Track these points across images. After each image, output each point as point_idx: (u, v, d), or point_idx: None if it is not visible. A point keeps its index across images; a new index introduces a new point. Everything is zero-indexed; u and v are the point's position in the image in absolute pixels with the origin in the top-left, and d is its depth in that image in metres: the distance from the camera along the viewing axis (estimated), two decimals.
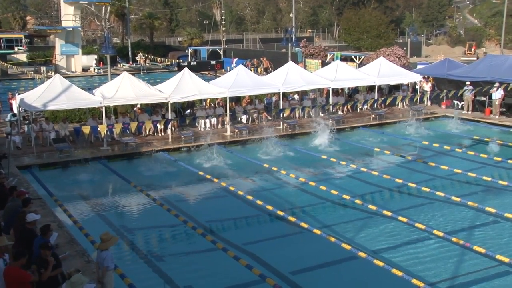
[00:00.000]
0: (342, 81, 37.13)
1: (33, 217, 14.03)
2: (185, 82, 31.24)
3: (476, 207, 20.77)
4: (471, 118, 36.32)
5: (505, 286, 15.37)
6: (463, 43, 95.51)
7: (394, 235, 18.54)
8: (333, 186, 23.53)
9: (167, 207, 21.21)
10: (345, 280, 15.85)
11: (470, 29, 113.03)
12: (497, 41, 78.76)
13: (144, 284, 15.25)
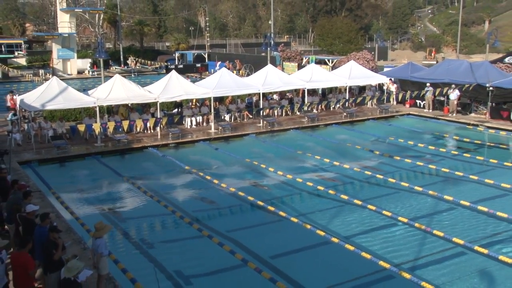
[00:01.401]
0: (316, 82, 37.22)
1: (32, 208, 14.05)
2: (173, 84, 31.23)
3: (436, 196, 20.95)
4: (432, 116, 36.59)
5: (460, 264, 15.50)
6: (424, 48, 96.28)
7: (363, 222, 18.63)
8: (307, 178, 23.57)
9: (157, 198, 21.15)
10: (319, 263, 15.87)
11: (430, 36, 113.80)
12: (454, 47, 79.41)
13: (136, 268, 15.15)
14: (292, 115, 36.24)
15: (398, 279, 14.63)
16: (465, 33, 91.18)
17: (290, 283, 14.32)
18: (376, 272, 14.97)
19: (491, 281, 14.66)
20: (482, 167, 25.22)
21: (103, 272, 13.01)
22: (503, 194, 21.36)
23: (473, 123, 33.89)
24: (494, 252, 15.98)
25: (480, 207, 19.65)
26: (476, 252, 16.18)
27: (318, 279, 14.69)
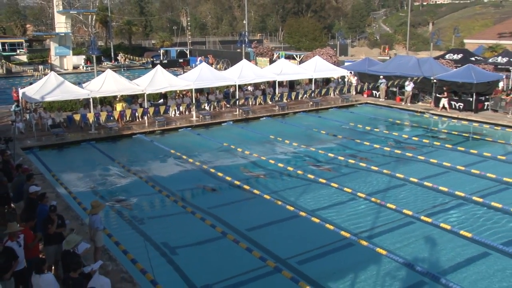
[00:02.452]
0: (286, 75, 37.21)
1: (34, 189, 14.03)
2: (158, 77, 31.01)
3: (390, 174, 21.18)
4: (386, 105, 36.86)
5: (409, 232, 15.73)
6: (379, 45, 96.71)
7: (327, 198, 18.75)
8: (278, 159, 23.63)
9: (145, 179, 21.06)
10: (289, 234, 15.94)
11: (384, 35, 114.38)
12: (404, 45, 79.86)
13: (128, 241, 15.13)
14: (265, 104, 36.21)
15: (357, 246, 14.82)
16: (413, 33, 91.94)
17: (264, 252, 14.40)
18: (338, 241, 15.12)
19: (434, 245, 14.92)
20: (428, 149, 25.53)
21: (99, 244, 13.00)
22: (445, 172, 21.67)
23: (420, 110, 34.24)
24: (436, 221, 16.29)
25: (426, 183, 19.94)
26: (422, 221, 16.46)
27: (288, 248, 14.78)
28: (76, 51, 67.27)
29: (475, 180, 20.55)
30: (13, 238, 10.62)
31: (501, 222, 16.51)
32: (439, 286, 12.71)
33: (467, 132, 28.86)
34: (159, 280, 12.64)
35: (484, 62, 39.56)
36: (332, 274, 13.28)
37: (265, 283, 13.00)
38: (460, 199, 18.46)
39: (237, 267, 13.58)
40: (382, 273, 13.35)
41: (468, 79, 32.44)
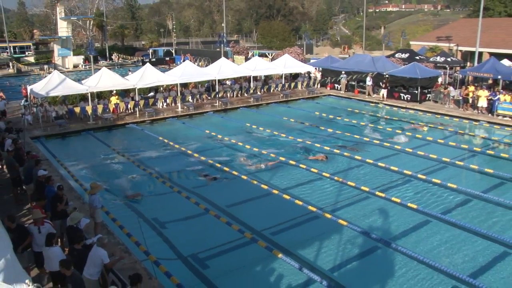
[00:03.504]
0: (259, 71, 37.09)
1: (42, 173, 14.21)
2: (148, 73, 30.73)
3: (349, 156, 21.35)
4: (346, 96, 37.03)
5: (366, 205, 15.94)
6: (339, 45, 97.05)
7: (296, 177, 18.79)
8: (253, 144, 23.62)
9: (137, 163, 20.88)
10: (264, 210, 16.01)
11: (344, 36, 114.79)
12: (361, 45, 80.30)
13: (123, 217, 15.04)
14: (241, 96, 36.07)
15: (322, 218, 14.95)
16: (368, 35, 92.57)
17: (242, 225, 14.45)
18: (306, 214, 15.25)
19: (386, 216, 15.16)
20: (382, 134, 25.77)
21: (98, 220, 12.96)
22: (396, 153, 21.96)
23: (375, 101, 34.49)
24: (389, 195, 16.52)
25: (380, 163, 20.17)
26: (377, 196, 16.67)
27: (263, 221, 14.83)
28: (76, 52, 66.20)
29: (420, 160, 20.87)
30: (37, 223, 10.62)
31: (440, 195, 16.84)
32: (390, 250, 12.94)
33: (414, 120, 29.22)
34: (151, 251, 12.61)
35: (426, 60, 40.02)
36: (301, 243, 13.39)
37: (243, 252, 13.05)
38: (408, 176, 18.73)
39: (218, 239, 13.59)
40: (343, 241, 13.52)
41: (413, 75, 32.87)
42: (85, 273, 9.46)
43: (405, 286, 11.25)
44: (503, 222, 14.77)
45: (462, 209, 15.77)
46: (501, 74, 30.15)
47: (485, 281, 11.31)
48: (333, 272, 11.88)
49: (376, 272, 12.07)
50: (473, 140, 24.36)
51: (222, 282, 11.46)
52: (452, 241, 13.49)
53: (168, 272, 11.50)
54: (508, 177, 18.58)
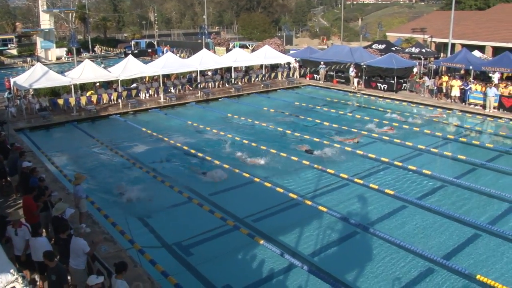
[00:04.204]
0: (240, 62, 36.85)
1: (26, 164, 14.07)
2: (130, 65, 30.16)
3: (328, 144, 21.40)
4: (325, 86, 37.10)
5: (345, 192, 16.03)
6: (318, 36, 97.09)
7: (277, 165, 18.71)
8: (236, 133, 23.55)
9: (120, 153, 20.63)
10: (246, 197, 15.98)
11: (322, 28, 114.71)
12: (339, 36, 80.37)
13: (108, 206, 14.89)
14: (223, 87, 35.83)
15: (303, 205, 15.01)
16: (346, 27, 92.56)
17: (224, 213, 14.42)
18: (287, 202, 15.29)
19: (364, 202, 15.29)
20: (360, 121, 25.89)
21: (82, 210, 12.83)
22: (374, 141, 22.12)
23: (353, 91, 34.65)
24: (366, 182, 16.66)
25: (358, 151, 20.30)
26: (355, 183, 16.79)
27: (245, 209, 14.84)
28: (58, 44, 64.80)
29: (396, 148, 21.06)
30: (14, 225, 10.25)
31: (416, 181, 17.04)
32: (368, 235, 13.06)
33: (390, 109, 29.44)
34: (136, 239, 12.52)
35: (402, 51, 40.29)
36: (282, 229, 13.43)
37: (226, 239, 13.03)
38: (385, 163, 18.90)
39: (202, 227, 13.54)
40: (323, 227, 13.60)
41: (390, 65, 33.05)
42: (71, 264, 9.41)
43: (383, 269, 11.38)
44: (475, 207, 15.03)
45: (437, 194, 15.99)
46: (472, 64, 30.54)
47: (458, 263, 11.51)
48: (313, 257, 11.95)
49: (355, 256, 12.18)
50: (447, 128, 24.65)
51: (206, 269, 11.43)
52: (428, 225, 13.68)
53: (153, 260, 11.44)
54: (480, 163, 18.90)
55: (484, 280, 10.68)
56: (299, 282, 10.83)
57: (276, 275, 11.15)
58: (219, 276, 11.10)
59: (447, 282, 10.83)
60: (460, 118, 26.93)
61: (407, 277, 11.04)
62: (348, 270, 11.32)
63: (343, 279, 10.90)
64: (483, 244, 12.60)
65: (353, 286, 10.65)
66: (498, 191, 15.80)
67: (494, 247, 12.44)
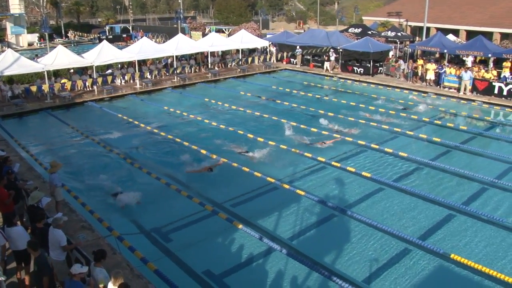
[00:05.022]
0: (216, 46, 36.55)
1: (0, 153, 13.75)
2: (105, 51, 29.61)
3: (305, 128, 21.50)
4: (301, 70, 37.15)
5: (323, 175, 16.15)
6: (295, 20, 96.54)
7: (254, 149, 18.66)
8: (213, 119, 23.45)
9: (97, 140, 20.35)
10: (224, 182, 15.89)
11: (299, 12, 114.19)
12: (315, 20, 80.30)
13: (85, 195, 14.70)
14: (199, 72, 35.57)
15: (281, 189, 15.10)
16: (322, 10, 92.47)
17: (202, 198, 14.40)
18: (265, 186, 15.35)
19: (342, 185, 15.46)
20: (337, 106, 26.05)
21: (58, 199, 12.65)
22: (352, 125, 22.26)
23: (330, 74, 34.79)
24: (344, 165, 16.83)
25: (335, 135, 20.44)
26: (333, 166, 16.95)
27: (223, 193, 14.84)
28: (30, 29, 63.01)
29: (373, 131, 21.29)
30: None
31: (392, 164, 17.28)
32: (346, 217, 13.23)
33: (366, 92, 29.68)
34: (114, 226, 12.42)
35: (378, 35, 40.58)
36: (261, 213, 13.49)
37: (205, 224, 13.04)
38: (362, 147, 19.10)
39: (180, 212, 13.51)
40: (301, 210, 13.72)
41: (366, 49, 33.25)
42: (51, 255, 9.30)
43: (361, 251, 11.56)
44: (450, 188, 15.35)
45: (413, 176, 16.27)
46: (447, 48, 30.97)
47: (433, 243, 11.78)
48: (292, 241, 12.06)
49: (333, 238, 12.33)
50: (422, 111, 24.98)
51: (186, 254, 11.43)
52: (404, 207, 13.93)
53: (132, 247, 11.38)
54: (454, 145, 19.28)
55: (458, 259, 10.96)
56: (278, 265, 10.93)
57: (256, 259, 11.23)
58: (198, 261, 11.12)
59: (423, 261, 11.07)
60: (435, 101, 27.31)
61: (384, 258, 11.25)
62: (326, 253, 11.47)
63: (321, 261, 11.04)
64: (458, 224, 12.90)
65: (331, 268, 10.80)
66: (472, 172, 16.18)
67: (468, 226, 12.75)
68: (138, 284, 9.58)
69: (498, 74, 28.26)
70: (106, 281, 8.25)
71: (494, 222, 12.85)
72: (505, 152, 18.42)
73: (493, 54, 28.77)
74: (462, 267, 10.80)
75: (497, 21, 42.27)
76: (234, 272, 10.74)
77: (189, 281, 10.42)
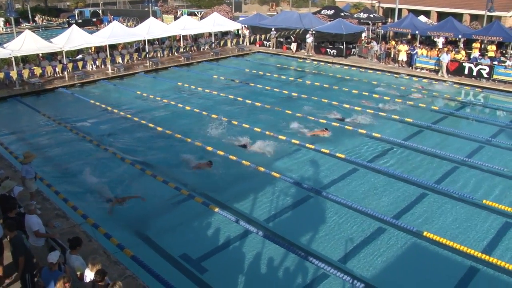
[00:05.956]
0: (189, 30, 36.04)
1: None
2: (74, 35, 28.73)
3: (280, 110, 21.55)
4: (275, 53, 37.07)
5: (297, 157, 16.28)
6: (267, 3, 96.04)
7: (228, 133, 18.64)
8: (187, 103, 23.27)
9: (69, 127, 19.95)
10: None
11: None
12: (288, 2, 79.94)
13: (58, 183, 14.45)
14: (172, 56, 35.09)
15: (256, 172, 15.10)
16: None
17: (178, 183, 14.35)
18: (241, 168, 15.33)
19: (317, 166, 15.61)
20: (310, 88, 26.15)
21: (31, 190, 12.26)
22: (323, 106, 22.41)
23: (303, 57, 34.84)
24: (318, 147, 16.96)
25: (309, 117, 20.56)
26: (307, 148, 17.07)
27: (197, 177, 14.80)
28: None
29: (346, 112, 21.47)
30: None
31: (366, 144, 17.50)
32: (321, 198, 13.41)
33: (340, 74, 29.85)
34: (89, 214, 12.29)
35: (350, 17, 40.71)
36: (237, 196, 13.53)
37: (181, 208, 13.03)
38: (336, 128, 19.23)
39: (156, 197, 13.43)
40: (277, 192, 13.82)
41: (339, 31, 33.34)
42: (30, 241, 9.21)
43: (336, 231, 11.76)
44: (422, 167, 15.68)
45: (386, 156, 16.54)
46: (418, 29, 31.31)
47: (406, 221, 12.07)
48: (268, 223, 12.16)
49: (309, 219, 12.47)
50: (395, 92, 25.30)
51: (162, 239, 11.42)
52: (378, 187, 14.18)
53: (108, 234, 11.29)
54: (426, 125, 19.65)
55: (430, 236, 11.27)
56: (255, 247, 11.03)
57: (233, 242, 11.30)
58: (175, 245, 11.13)
59: (397, 240, 11.34)
60: (407, 82, 27.69)
61: (359, 237, 11.47)
62: (302, 234, 11.62)
63: (298, 243, 11.19)
64: (430, 202, 13.23)
65: (307, 248, 10.96)
66: (443, 151, 16.55)
67: (440, 205, 13.09)
68: (115, 270, 9.55)
69: (467, 55, 28.80)
70: (83, 268, 8.21)
71: (465, 199, 13.22)
72: (475, 131, 18.89)
73: (463, 35, 29.26)
74: (435, 244, 11.11)
75: (467, 3, 42.91)
76: (212, 255, 10.80)
77: (167, 265, 10.43)
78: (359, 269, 10.22)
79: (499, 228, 11.89)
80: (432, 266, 10.50)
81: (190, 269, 10.29)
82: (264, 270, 10.30)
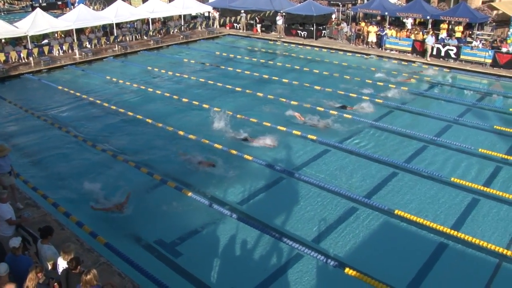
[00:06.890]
0: (158, 13, 35.45)
1: None
2: (39, 19, 27.89)
3: (252, 93, 21.54)
4: (245, 35, 36.84)
5: (282, 137, 16.37)
6: None
7: (200, 117, 18.59)
8: (157, 87, 22.99)
9: (37, 114, 19.47)
10: (172, 152, 15.64)
11: None
12: None
13: (34, 176, 14.10)
14: (141, 40, 34.50)
15: (228, 155, 15.08)
16: None
17: (150, 168, 14.25)
18: (214, 152, 15.29)
19: (289, 148, 15.69)
20: (282, 70, 26.16)
21: (7, 184, 11.67)
22: (296, 89, 22.49)
23: (274, 39, 34.73)
24: (289, 129, 17.03)
25: (281, 99, 20.61)
26: (279, 130, 17.08)
27: (171, 163, 14.73)
28: None
29: (317, 94, 21.60)
30: None
31: (337, 125, 17.63)
32: (294, 179, 13.53)
33: (310, 55, 29.93)
34: (59, 202, 12.10)
35: None
36: (210, 180, 13.51)
37: (155, 193, 12.96)
38: (307, 109, 19.31)
39: (129, 183, 13.29)
40: (250, 175, 13.86)
41: (309, 12, 33.32)
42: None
43: (309, 211, 11.90)
44: (392, 146, 15.96)
45: (357, 137, 16.74)
46: (388, 10, 31.57)
47: (378, 200, 12.32)
48: (242, 205, 12.21)
49: (282, 201, 12.58)
50: (365, 74, 25.55)
51: (136, 225, 11.36)
52: (349, 167, 14.38)
53: (80, 222, 11.17)
54: (395, 106, 19.96)
55: (402, 214, 11.54)
56: (229, 230, 11.08)
57: (207, 226, 11.32)
58: (149, 231, 11.09)
59: (369, 218, 11.57)
60: (377, 62, 27.97)
61: (332, 217, 11.65)
62: (276, 215, 11.72)
63: (272, 224, 11.29)
64: (401, 181, 13.50)
65: (281, 230, 11.07)
66: (413, 131, 16.88)
67: (410, 183, 13.38)
68: (89, 257, 9.46)
69: (436, 35, 29.24)
70: (56, 257, 8.07)
71: (434, 177, 13.55)
72: (444, 111, 19.30)
73: (431, 16, 29.65)
74: (406, 222, 11.39)
75: None
76: (186, 239, 10.80)
77: (141, 251, 10.40)
78: (333, 248, 10.41)
79: (467, 204, 12.26)
80: (403, 243, 10.77)
81: (164, 254, 10.28)
82: (239, 252, 10.38)
